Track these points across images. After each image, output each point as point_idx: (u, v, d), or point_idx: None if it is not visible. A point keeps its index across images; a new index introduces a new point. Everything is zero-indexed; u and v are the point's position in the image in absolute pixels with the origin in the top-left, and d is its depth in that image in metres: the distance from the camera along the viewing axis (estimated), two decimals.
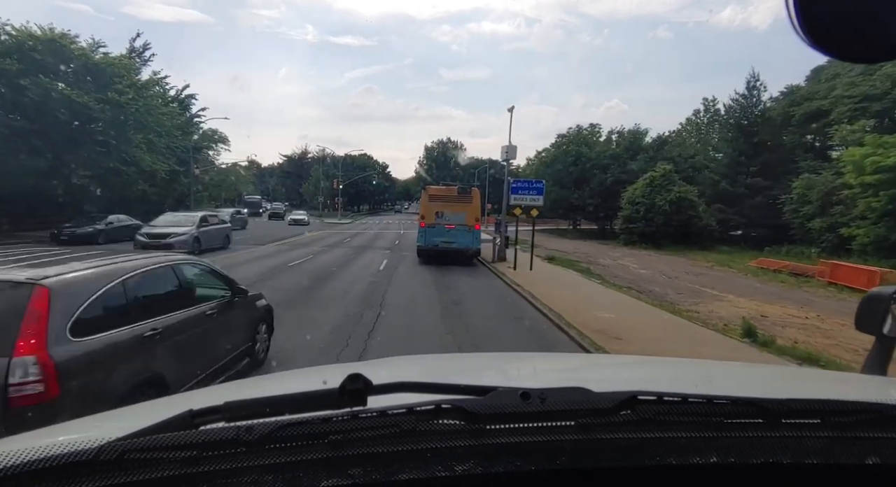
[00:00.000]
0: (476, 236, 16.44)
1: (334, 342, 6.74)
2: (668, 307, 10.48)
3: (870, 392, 1.21)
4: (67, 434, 0.93)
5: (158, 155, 27.16)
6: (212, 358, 4.29)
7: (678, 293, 13.00)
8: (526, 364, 1.94)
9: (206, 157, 46.67)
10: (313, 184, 73.73)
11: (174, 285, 4.01)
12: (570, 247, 30.78)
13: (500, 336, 7.83)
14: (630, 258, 25.31)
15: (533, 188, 14.90)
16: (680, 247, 33.78)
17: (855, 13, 0.59)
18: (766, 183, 36.59)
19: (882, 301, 1.36)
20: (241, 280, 5.61)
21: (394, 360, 2.06)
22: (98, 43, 26.25)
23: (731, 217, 37.96)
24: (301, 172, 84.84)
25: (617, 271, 18.65)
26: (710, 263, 24.42)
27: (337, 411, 0.68)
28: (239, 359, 4.85)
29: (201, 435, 0.62)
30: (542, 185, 14.98)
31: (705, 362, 2.99)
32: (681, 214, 34.69)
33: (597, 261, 22.26)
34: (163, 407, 1.02)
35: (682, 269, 21.16)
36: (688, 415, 0.73)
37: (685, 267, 22.50)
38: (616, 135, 49.54)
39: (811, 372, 3.21)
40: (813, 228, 29.88)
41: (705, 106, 53.63)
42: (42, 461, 0.57)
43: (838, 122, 30.86)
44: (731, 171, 39.28)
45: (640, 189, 36.62)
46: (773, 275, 19.97)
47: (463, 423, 0.68)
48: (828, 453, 0.71)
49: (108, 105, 21.87)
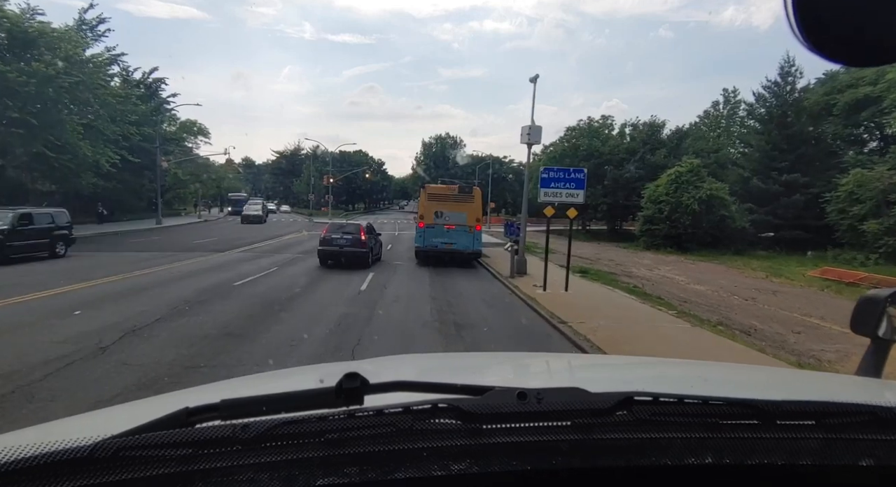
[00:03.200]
0: (477, 237, 15.57)
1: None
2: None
3: (864, 394, 1.20)
4: (62, 431, 0.84)
5: (109, 143, 23.00)
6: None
7: (794, 331, 8.96)
8: (523, 363, 1.95)
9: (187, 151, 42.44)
10: (305, 181, 69.93)
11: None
12: (590, 253, 26.80)
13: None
14: (667, 267, 21.32)
15: (571, 179, 10.87)
16: (710, 252, 29.90)
17: (854, 16, 0.59)
18: (805, 179, 32.66)
19: (878, 303, 1.36)
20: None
21: (391, 359, 2.08)
22: (34, 9, 22.02)
23: (763, 217, 33.95)
24: (295, 170, 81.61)
25: (666, 285, 14.68)
26: (764, 273, 20.43)
27: (333, 410, 0.67)
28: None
29: (197, 433, 0.61)
30: (583, 175, 10.95)
31: (702, 363, 2.96)
32: (711, 215, 30.72)
33: (632, 272, 18.27)
34: (158, 405, 0.98)
35: (736, 281, 17.21)
36: (683, 416, 0.73)
37: (735, 277, 18.54)
38: (630, 128, 45.52)
39: (806, 374, 3.05)
40: (868, 231, 25.89)
41: (725, 97, 49.94)
42: (36, 458, 0.56)
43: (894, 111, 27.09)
44: (762, 167, 35.26)
45: (663, 186, 32.60)
46: (855, 290, 15.97)
47: (460, 423, 0.67)
48: (822, 454, 0.71)
49: (34, 78, 17.73)
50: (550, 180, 10.92)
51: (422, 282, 12.71)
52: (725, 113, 49.70)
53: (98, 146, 21.29)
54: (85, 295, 9.07)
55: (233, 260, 15.02)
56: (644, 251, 31.57)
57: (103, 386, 4.74)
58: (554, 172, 11.00)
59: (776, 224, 34.00)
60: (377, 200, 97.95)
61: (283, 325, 7.56)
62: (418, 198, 18.60)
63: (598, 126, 45.96)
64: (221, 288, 10.16)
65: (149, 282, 10.59)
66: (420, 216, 16.27)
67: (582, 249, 29.47)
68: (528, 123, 13.86)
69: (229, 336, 6.78)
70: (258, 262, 14.87)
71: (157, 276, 11.47)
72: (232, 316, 7.92)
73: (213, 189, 52.78)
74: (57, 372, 5.05)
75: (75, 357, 5.50)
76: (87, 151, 20.02)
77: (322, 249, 14.78)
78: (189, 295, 9.33)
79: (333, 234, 14.89)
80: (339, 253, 14.66)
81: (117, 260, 14.08)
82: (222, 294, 9.62)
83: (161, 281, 10.86)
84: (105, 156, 21.76)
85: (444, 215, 15.66)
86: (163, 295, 9.18)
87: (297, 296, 9.87)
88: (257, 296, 9.52)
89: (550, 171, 11.04)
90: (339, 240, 14.73)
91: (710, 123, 49.62)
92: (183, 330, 6.96)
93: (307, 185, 66.45)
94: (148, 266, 12.96)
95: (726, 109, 49.74)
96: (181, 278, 11.31)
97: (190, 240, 21.06)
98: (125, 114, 23.85)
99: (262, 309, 8.52)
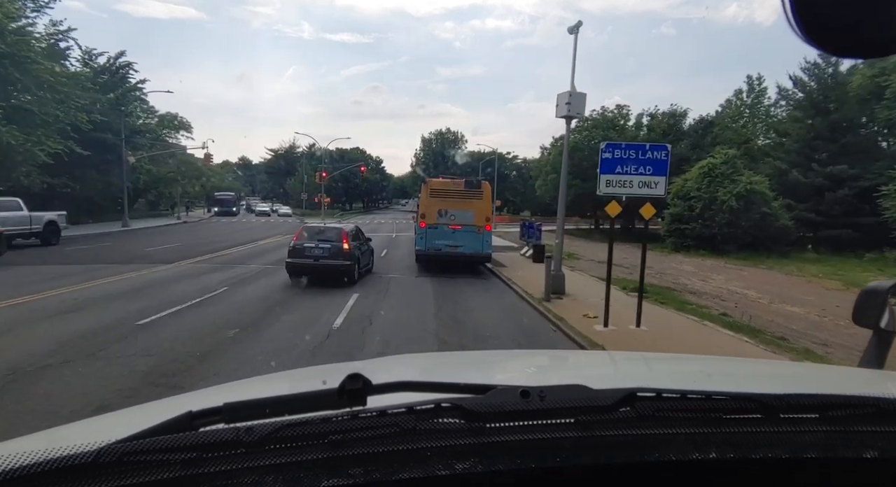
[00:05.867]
0: (486, 239, 13.83)
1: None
2: None
3: (867, 386, 1.18)
4: (67, 437, 0.88)
5: (53, 132, 19.32)
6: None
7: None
8: (525, 361, 1.92)
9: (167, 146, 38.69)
10: (299, 179, 66.57)
11: None
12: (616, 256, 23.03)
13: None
14: (717, 275, 17.67)
15: (647, 160, 7.18)
16: (749, 254, 26.28)
17: (851, 9, 0.59)
18: (853, 171, 29.00)
19: (879, 295, 1.35)
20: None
21: (393, 359, 2.04)
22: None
23: (803, 214, 30.24)
24: (291, 169, 78.71)
25: (744, 305, 11.04)
26: (840, 282, 16.74)
27: (337, 411, 0.67)
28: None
29: (201, 437, 0.61)
30: (665, 153, 7.25)
31: (704, 358, 2.91)
32: (751, 212, 27.01)
33: (685, 284, 14.62)
34: (162, 409, 0.98)
35: (817, 294, 13.59)
36: (687, 411, 0.73)
37: (808, 288, 14.93)
38: (647, 119, 41.81)
39: (809, 367, 3.06)
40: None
41: (749, 85, 46.19)
42: (41, 464, 0.56)
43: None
44: (802, 158, 31.58)
45: (693, 180, 28.90)
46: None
47: (463, 422, 0.67)
48: (826, 447, 0.71)
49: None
50: (615, 162, 7.24)
51: (423, 309, 9.09)
52: (749, 102, 45.94)
53: (32, 134, 17.61)
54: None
55: (171, 278, 11.36)
56: (673, 253, 27.89)
57: None
58: (621, 150, 7.30)
59: (818, 222, 30.33)
60: (376, 200, 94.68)
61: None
62: (419, 196, 15.50)
63: (612, 116, 42.23)
64: (103, 337, 6.44)
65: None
66: (421, 215, 14.10)
67: (603, 252, 25.82)
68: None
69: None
70: (206, 279, 11.23)
71: (26, 310, 7.83)
72: (54, 417, 4.28)
73: (198, 188, 49.06)
74: None
75: None
76: (11, 139, 16.32)
77: (291, 262, 11.15)
78: (27, 356, 5.68)
79: (307, 242, 11.24)
80: (313, 268, 11.03)
81: (11, 279, 10.46)
82: (90, 350, 5.86)
83: (22, 319, 7.21)
84: (41, 146, 18.06)
85: (448, 214, 13.71)
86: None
87: (222, 351, 6.16)
88: (153, 352, 5.83)
89: (615, 148, 7.34)
90: (313, 250, 11.10)
91: (732, 113, 45.84)
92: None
93: (301, 184, 62.98)
94: (41, 289, 9.32)
95: (750, 98, 46.00)
96: (61, 313, 7.63)
97: (142, 248, 17.42)
98: (71, 98, 20.13)
99: (133, 387, 4.86)
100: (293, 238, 11.65)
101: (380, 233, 30.15)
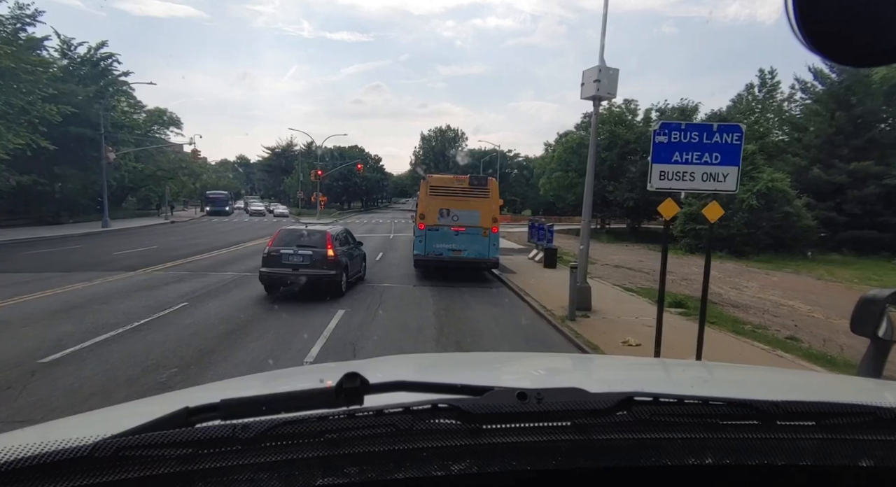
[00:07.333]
0: (493, 242, 12.63)
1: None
2: None
3: (864, 394, 1.17)
4: (62, 431, 0.86)
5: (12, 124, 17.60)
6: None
7: None
8: (523, 364, 1.90)
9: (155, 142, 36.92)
10: (295, 177, 64.88)
11: None
12: (631, 259, 21.48)
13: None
14: (747, 282, 15.94)
15: (714, 146, 5.48)
16: (772, 256, 24.62)
17: (853, 17, 0.59)
18: (879, 168, 27.31)
19: (877, 304, 1.32)
20: None
21: (391, 359, 2.02)
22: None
23: (824, 213, 28.51)
24: (288, 167, 77.21)
25: (800, 322, 9.35)
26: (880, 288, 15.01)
27: (333, 410, 0.67)
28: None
29: (197, 433, 0.61)
30: (739, 136, 5.55)
31: (702, 364, 2.80)
32: (772, 211, 25.31)
33: (715, 291, 12.90)
34: (159, 405, 0.98)
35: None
36: (683, 416, 0.73)
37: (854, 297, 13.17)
38: (656, 113, 40.04)
39: (806, 375, 2.91)
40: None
41: (762, 79, 44.40)
42: (37, 457, 0.55)
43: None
44: (823, 154, 29.86)
45: None
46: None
47: (459, 423, 0.67)
48: (822, 454, 0.71)
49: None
50: (672, 148, 5.52)
51: (422, 333, 7.39)
52: (762, 97, 44.17)
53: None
54: None
55: (123, 290, 9.62)
56: (688, 255, 26.20)
57: None
58: (680, 132, 5.54)
59: (841, 221, 28.62)
60: (375, 199, 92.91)
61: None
62: (418, 194, 13.87)
63: (619, 111, 40.45)
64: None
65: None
66: (420, 215, 12.62)
67: (615, 254, 24.12)
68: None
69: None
70: (165, 292, 9.50)
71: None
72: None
73: (189, 186, 47.26)
74: None
75: None
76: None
77: (266, 272, 9.44)
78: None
79: (284, 248, 9.52)
80: (292, 278, 9.32)
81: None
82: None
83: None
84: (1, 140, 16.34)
85: (450, 214, 12.45)
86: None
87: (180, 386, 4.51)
88: (35, 412, 4.15)
89: (672, 129, 5.58)
90: (291, 257, 9.38)
91: (744, 108, 44.08)
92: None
93: (298, 182, 61.22)
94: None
95: (762, 93, 44.22)
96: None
97: (110, 252, 15.69)
98: (38, 88, 18.39)
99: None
100: (268, 242, 9.93)
101: (376, 234, 28.42)
